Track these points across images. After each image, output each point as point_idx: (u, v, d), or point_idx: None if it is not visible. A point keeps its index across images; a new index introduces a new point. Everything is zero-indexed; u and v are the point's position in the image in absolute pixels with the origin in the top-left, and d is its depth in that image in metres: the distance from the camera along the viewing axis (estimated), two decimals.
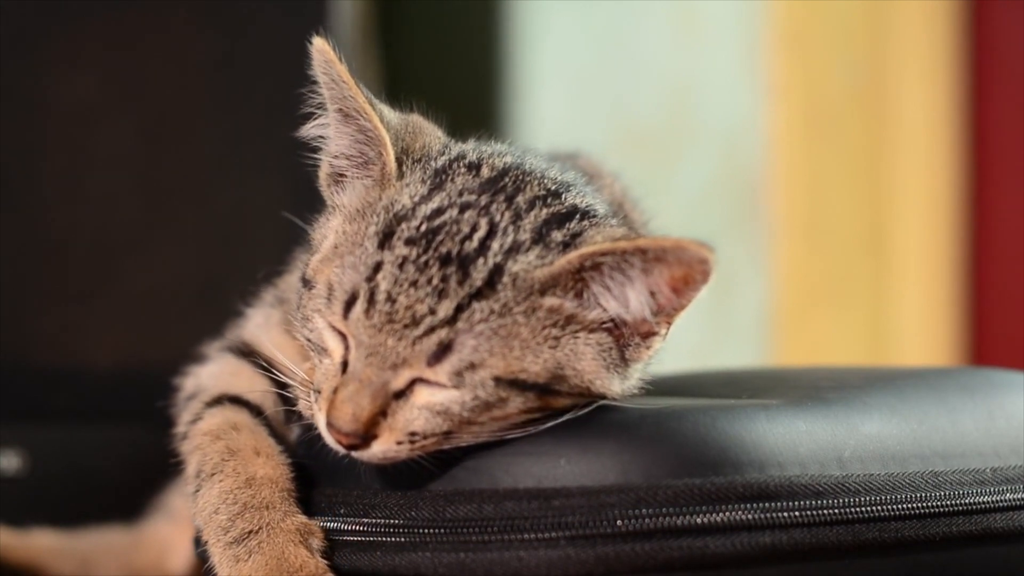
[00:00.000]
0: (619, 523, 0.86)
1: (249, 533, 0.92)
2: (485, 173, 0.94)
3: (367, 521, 0.91)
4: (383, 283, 0.88)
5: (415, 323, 0.87)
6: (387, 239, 0.90)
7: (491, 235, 0.89)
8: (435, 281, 0.87)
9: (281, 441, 0.99)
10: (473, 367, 0.87)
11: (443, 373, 0.87)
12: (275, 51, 1.68)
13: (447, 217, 0.90)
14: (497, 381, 0.88)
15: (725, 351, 2.25)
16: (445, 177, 0.94)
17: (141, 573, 1.37)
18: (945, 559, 0.94)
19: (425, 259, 0.88)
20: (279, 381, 0.99)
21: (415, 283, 0.87)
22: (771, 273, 2.29)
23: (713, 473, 0.88)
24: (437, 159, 0.96)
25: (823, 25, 2.32)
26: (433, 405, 0.88)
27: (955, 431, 0.98)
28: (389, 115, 0.97)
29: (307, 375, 0.95)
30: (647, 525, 0.86)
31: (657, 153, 2.28)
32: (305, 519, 0.93)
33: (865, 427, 0.95)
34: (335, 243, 0.93)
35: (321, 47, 0.95)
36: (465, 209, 0.91)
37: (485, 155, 0.96)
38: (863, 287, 2.36)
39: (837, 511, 0.89)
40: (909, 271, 2.37)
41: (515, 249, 0.89)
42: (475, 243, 0.89)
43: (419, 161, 0.95)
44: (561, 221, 0.92)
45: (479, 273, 0.88)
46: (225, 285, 1.09)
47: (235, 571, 0.91)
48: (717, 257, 0.87)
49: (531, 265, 0.89)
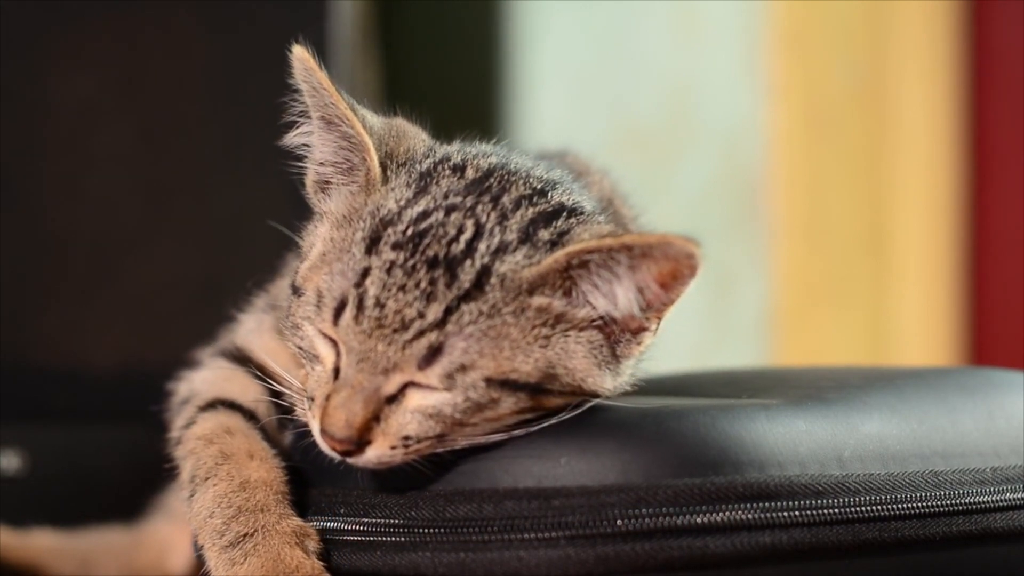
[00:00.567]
0: (619, 523, 0.86)
1: (244, 536, 0.92)
2: (470, 174, 0.94)
3: (367, 521, 0.91)
4: (371, 288, 0.88)
5: (404, 327, 0.87)
6: (374, 244, 0.90)
7: (478, 236, 0.89)
8: (423, 284, 0.87)
9: (275, 445, 0.99)
10: (464, 369, 0.87)
11: (434, 376, 0.87)
12: (275, 51, 1.68)
13: (433, 220, 0.90)
14: (488, 382, 0.88)
15: (725, 351, 2.25)
16: (430, 180, 0.93)
17: (141, 573, 1.37)
18: (945, 559, 0.94)
19: (412, 263, 0.88)
20: (273, 380, 0.99)
21: (403, 287, 0.87)
22: (771, 273, 2.29)
23: (713, 473, 0.88)
24: (422, 162, 0.95)
25: (823, 25, 2.32)
26: (425, 408, 0.88)
27: (955, 431, 0.98)
28: (372, 120, 0.97)
29: (302, 381, 0.95)
30: (647, 525, 0.86)
31: (657, 153, 2.28)
32: (300, 521, 0.93)
33: (865, 427, 0.95)
34: (323, 250, 0.93)
35: (301, 55, 0.95)
36: (451, 211, 0.91)
37: (470, 156, 0.96)
38: (863, 287, 2.36)
39: (837, 511, 0.89)
40: (909, 271, 2.37)
41: (502, 249, 0.89)
42: (462, 245, 0.89)
43: (404, 165, 0.95)
44: (548, 220, 0.92)
45: (467, 275, 0.88)
46: (225, 285, 1.09)
47: (231, 574, 0.91)
48: (704, 251, 0.87)
49: (519, 265, 0.89)
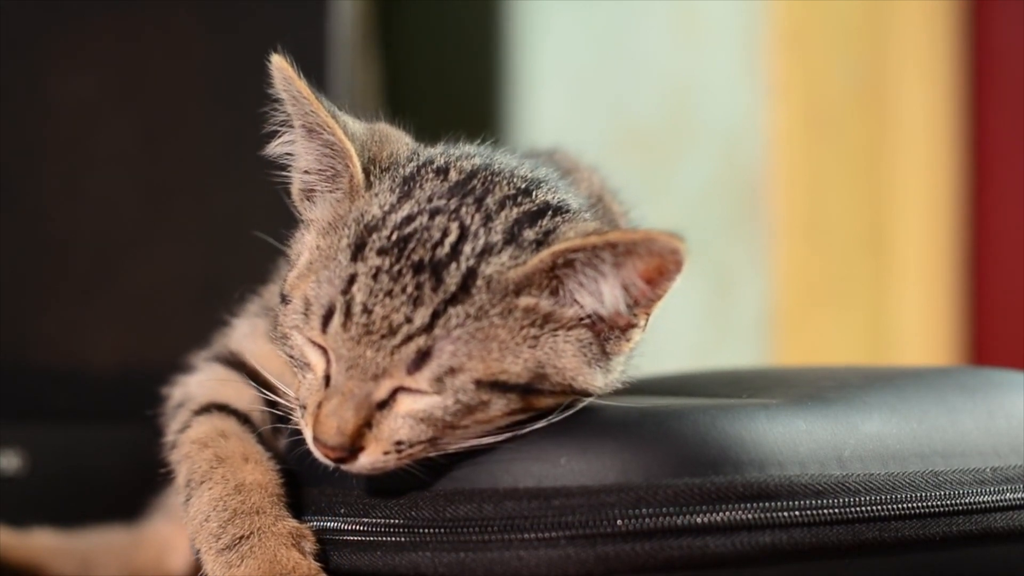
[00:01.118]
0: (619, 523, 0.86)
1: (240, 538, 0.92)
2: (453, 177, 0.94)
3: (367, 521, 0.91)
4: (358, 295, 0.88)
5: (392, 332, 0.87)
6: (359, 251, 0.90)
7: (462, 239, 0.89)
8: (409, 289, 0.87)
9: (270, 448, 0.99)
10: (453, 372, 0.87)
11: (423, 380, 0.87)
12: (275, 51, 1.68)
13: (417, 224, 0.90)
14: (478, 384, 0.88)
15: (725, 351, 2.25)
16: (414, 184, 0.93)
17: (141, 573, 1.37)
18: (945, 559, 0.94)
19: (398, 268, 0.88)
20: (266, 389, 0.99)
21: (390, 293, 0.87)
22: (771, 273, 2.29)
23: (713, 473, 0.88)
24: (405, 166, 0.95)
25: (823, 25, 2.32)
26: (416, 412, 0.88)
27: (955, 430, 0.98)
28: (354, 126, 0.97)
29: (295, 387, 0.95)
30: (647, 525, 0.86)
31: (657, 153, 2.28)
32: (296, 523, 0.94)
33: (865, 426, 0.95)
34: (310, 259, 0.93)
35: (279, 64, 0.95)
36: (435, 215, 0.91)
37: (453, 158, 0.96)
38: (863, 287, 2.36)
39: (837, 511, 0.89)
40: (909, 271, 2.37)
41: (487, 251, 0.89)
42: (447, 248, 0.89)
43: (387, 170, 0.95)
44: (533, 219, 0.92)
45: (452, 278, 0.88)
46: (225, 285, 1.09)
47: None
48: (688, 246, 0.87)
49: (504, 266, 0.89)
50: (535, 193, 0.94)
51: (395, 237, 0.89)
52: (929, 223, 2.40)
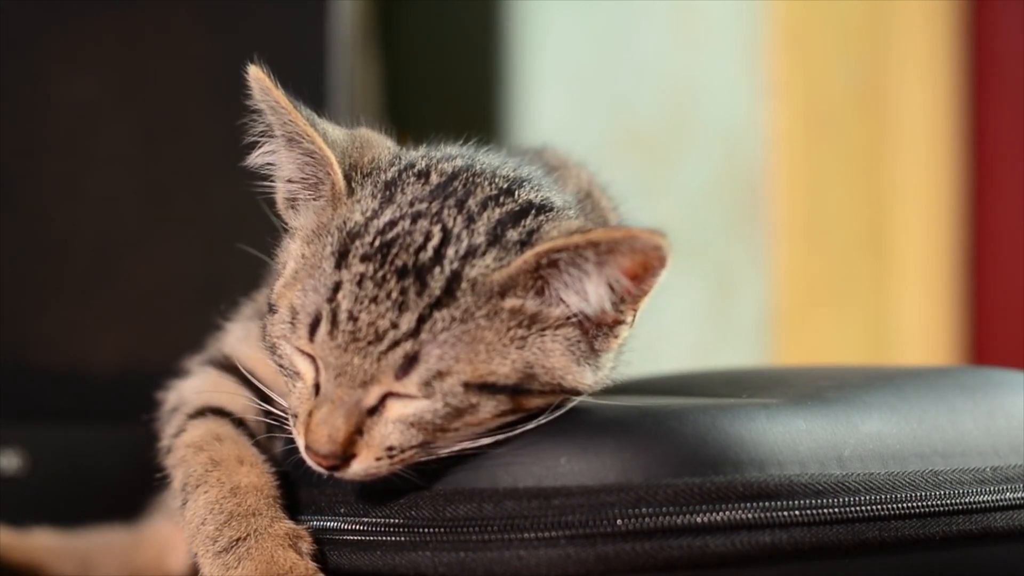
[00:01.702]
0: (619, 522, 0.86)
1: (237, 541, 0.92)
2: (435, 179, 0.94)
3: (367, 520, 0.91)
4: (344, 302, 0.88)
5: (379, 339, 0.87)
6: (343, 258, 0.89)
7: (445, 242, 0.89)
8: (394, 295, 0.87)
9: (265, 450, 0.99)
10: (441, 375, 0.87)
11: (412, 385, 0.87)
12: (275, 51, 1.68)
13: (400, 229, 0.90)
14: (466, 387, 0.87)
15: (725, 351, 2.25)
16: (395, 188, 0.93)
17: (141, 573, 1.37)
18: (945, 558, 0.94)
19: (382, 274, 0.88)
20: (260, 393, 0.99)
21: (375, 299, 0.87)
22: (771, 273, 2.29)
23: (713, 472, 0.88)
24: (387, 171, 0.95)
25: (823, 25, 2.32)
26: (406, 417, 0.88)
27: (955, 430, 0.98)
28: (334, 133, 0.97)
29: (288, 393, 0.95)
30: (647, 524, 0.86)
31: (657, 153, 2.28)
32: (292, 524, 0.94)
33: (865, 426, 0.95)
34: (295, 267, 0.93)
35: (256, 75, 0.95)
36: (417, 219, 0.90)
37: (434, 161, 0.96)
38: (863, 287, 2.36)
39: (837, 510, 0.89)
40: (909, 271, 2.37)
41: (471, 253, 0.89)
42: (430, 252, 0.89)
43: (369, 175, 0.95)
44: (516, 219, 0.91)
45: (437, 282, 0.88)
46: (225, 285, 1.09)
47: None
48: (670, 242, 0.87)
49: (489, 268, 0.89)
50: (517, 192, 0.94)
51: (378, 243, 0.89)
52: (929, 223, 2.40)
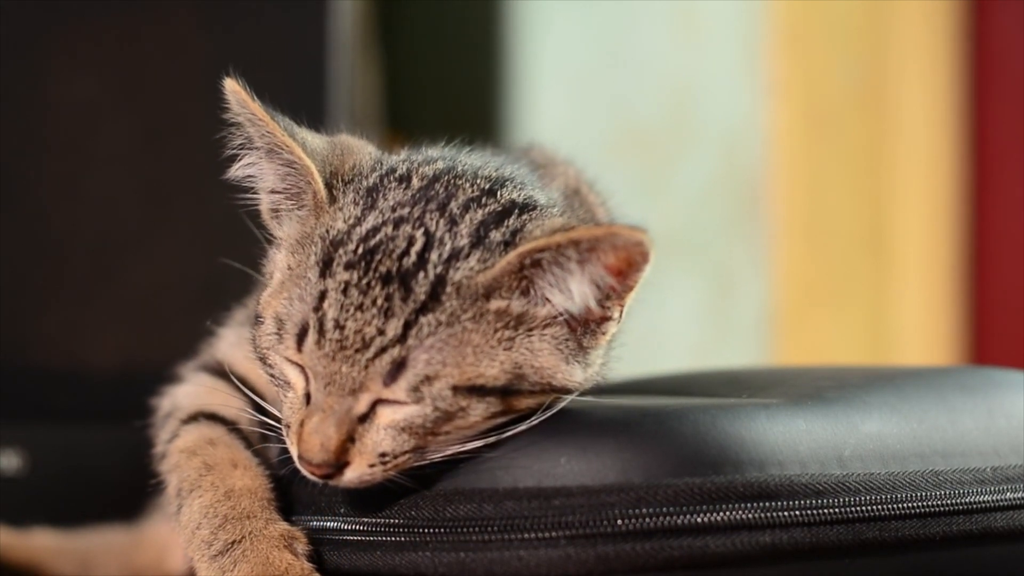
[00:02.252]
0: (619, 522, 0.86)
1: (232, 544, 0.92)
2: (416, 183, 0.93)
3: (367, 520, 0.91)
4: (330, 311, 0.88)
5: (366, 346, 0.87)
6: (327, 267, 0.89)
7: (428, 246, 0.89)
8: (379, 302, 0.87)
9: (258, 454, 0.99)
10: (429, 380, 0.87)
11: (401, 391, 0.87)
12: (275, 51, 1.68)
13: (383, 235, 0.90)
14: (455, 390, 0.87)
15: (725, 351, 2.25)
16: (377, 194, 0.93)
17: (141, 573, 1.36)
18: (945, 558, 0.94)
19: (367, 281, 0.88)
20: (254, 397, 0.99)
21: (360, 307, 0.87)
22: (771, 273, 2.29)
23: (713, 472, 0.88)
24: (368, 177, 0.95)
25: (823, 25, 2.32)
26: (397, 423, 0.88)
27: (955, 430, 0.98)
28: (314, 142, 0.96)
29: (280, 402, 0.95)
30: (647, 524, 0.86)
31: (657, 153, 2.28)
32: (287, 525, 0.94)
33: (865, 426, 0.95)
34: (281, 277, 0.93)
35: (232, 88, 0.95)
36: (400, 224, 0.90)
37: (415, 165, 0.96)
38: (863, 287, 2.36)
39: (837, 510, 0.89)
40: (909, 271, 2.37)
41: (454, 257, 0.89)
42: (413, 257, 0.89)
43: (351, 182, 0.95)
44: (499, 219, 0.91)
45: (421, 287, 0.88)
46: (225, 285, 1.09)
47: None
48: (652, 237, 0.87)
49: (473, 271, 0.89)
50: (500, 192, 0.93)
51: (361, 250, 0.89)
52: (929, 223, 2.40)
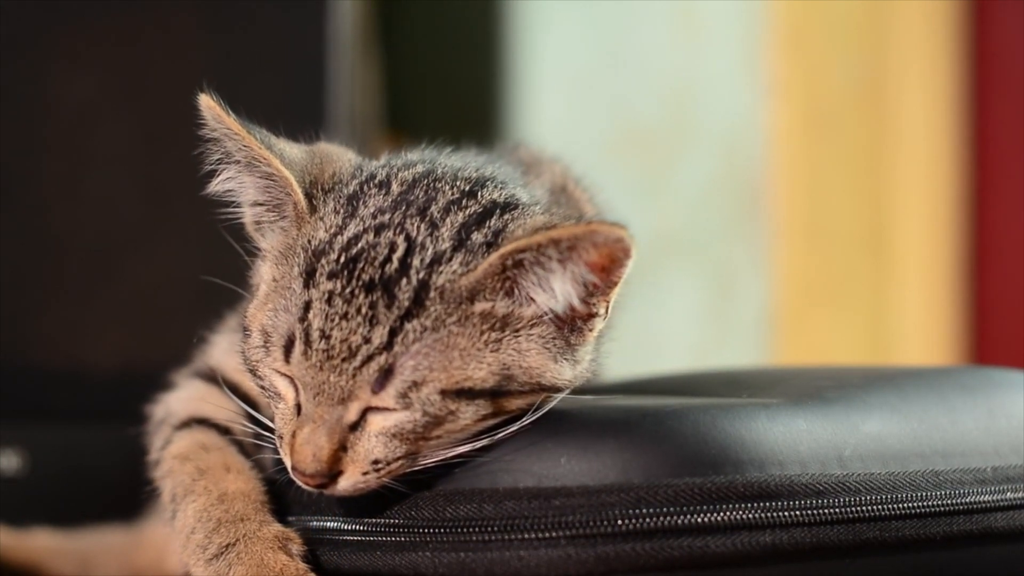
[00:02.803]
0: (620, 522, 0.86)
1: (227, 547, 0.92)
2: (396, 189, 0.93)
3: (367, 521, 0.91)
4: (315, 321, 0.88)
5: (353, 355, 0.87)
6: (311, 277, 0.89)
7: (410, 252, 0.89)
8: (364, 310, 0.87)
9: (252, 458, 0.99)
10: (417, 386, 0.87)
11: (389, 398, 0.87)
12: (275, 51, 1.68)
13: (364, 243, 0.90)
14: (443, 394, 0.87)
15: (725, 351, 2.25)
16: (358, 202, 0.93)
17: (141, 573, 1.36)
18: (946, 558, 0.94)
19: (350, 289, 0.88)
20: (246, 401, 0.99)
21: (345, 315, 0.87)
22: (771, 273, 2.29)
23: (714, 472, 0.88)
24: (349, 184, 0.95)
25: (823, 25, 2.32)
26: (387, 429, 0.88)
27: (956, 430, 0.98)
28: (292, 152, 0.96)
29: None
30: (648, 524, 0.86)
31: (657, 153, 2.28)
32: (281, 527, 0.94)
33: (866, 426, 0.95)
34: (266, 289, 0.93)
35: (207, 104, 0.94)
36: (380, 231, 0.90)
37: (394, 170, 0.95)
38: (863, 287, 2.36)
39: (838, 510, 0.89)
40: (909, 271, 2.37)
41: (437, 261, 0.89)
42: (395, 264, 0.88)
43: (331, 191, 0.94)
44: (480, 220, 0.91)
45: (404, 293, 0.88)
46: (224, 286, 1.09)
47: None
48: (632, 232, 0.86)
49: (456, 274, 0.88)
50: (480, 193, 0.93)
51: (343, 259, 0.89)
52: (929, 223, 2.40)
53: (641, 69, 2.31)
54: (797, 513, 0.88)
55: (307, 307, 0.88)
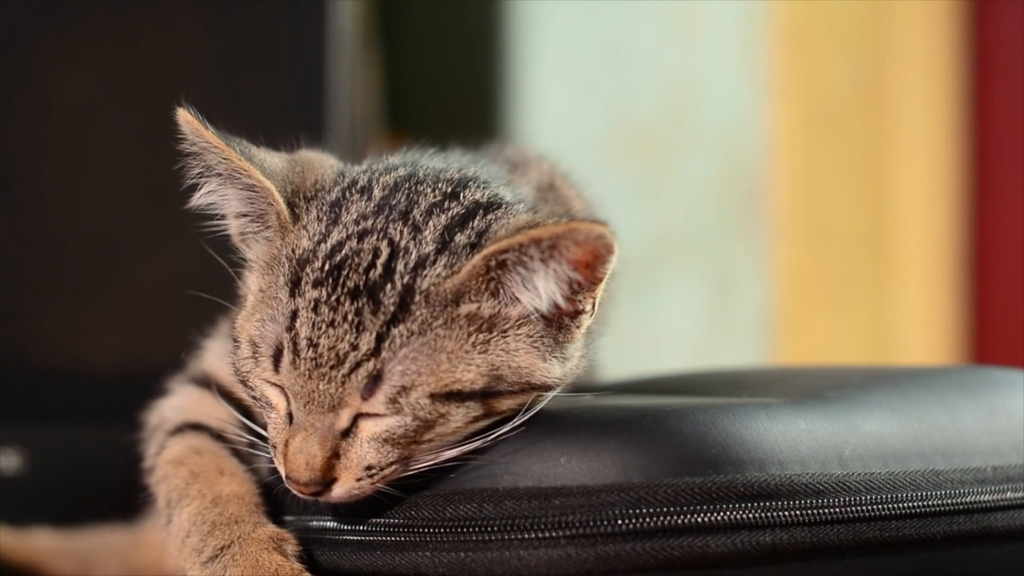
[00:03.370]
0: (620, 522, 0.86)
1: (222, 549, 0.92)
2: (377, 194, 0.93)
3: (367, 520, 0.91)
4: (302, 330, 0.88)
5: (341, 362, 0.87)
6: (296, 286, 0.89)
7: (394, 257, 0.89)
8: (350, 317, 0.87)
9: (245, 462, 0.99)
10: (406, 390, 0.87)
11: (379, 403, 0.87)
12: (275, 51, 1.68)
13: (348, 249, 0.89)
14: (433, 397, 0.87)
15: (725, 351, 2.25)
16: (340, 208, 0.93)
17: (141, 573, 1.36)
18: (946, 558, 0.94)
19: (336, 297, 0.88)
20: (241, 410, 0.99)
21: (332, 323, 0.87)
22: (771, 273, 2.29)
23: (714, 472, 0.88)
24: (331, 191, 0.94)
25: (823, 25, 2.32)
26: (379, 435, 0.88)
27: (956, 429, 0.98)
28: (272, 161, 0.96)
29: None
30: (648, 524, 0.86)
31: (657, 153, 2.28)
32: (276, 528, 0.94)
33: (866, 426, 0.95)
34: (254, 300, 0.93)
35: (185, 118, 0.95)
36: (363, 236, 0.90)
37: (376, 174, 0.95)
38: (863, 287, 2.36)
39: (838, 510, 0.89)
40: (910, 271, 2.37)
41: (421, 264, 0.89)
42: (379, 269, 0.88)
43: (313, 199, 0.94)
44: (463, 222, 0.91)
45: (390, 299, 0.87)
46: (225, 285, 1.09)
47: None
48: (613, 228, 0.86)
49: (440, 277, 0.88)
50: (462, 194, 0.93)
51: (328, 266, 0.89)
52: (929, 223, 2.40)
53: (641, 69, 2.31)
54: (797, 513, 0.88)
55: (294, 316, 0.88)
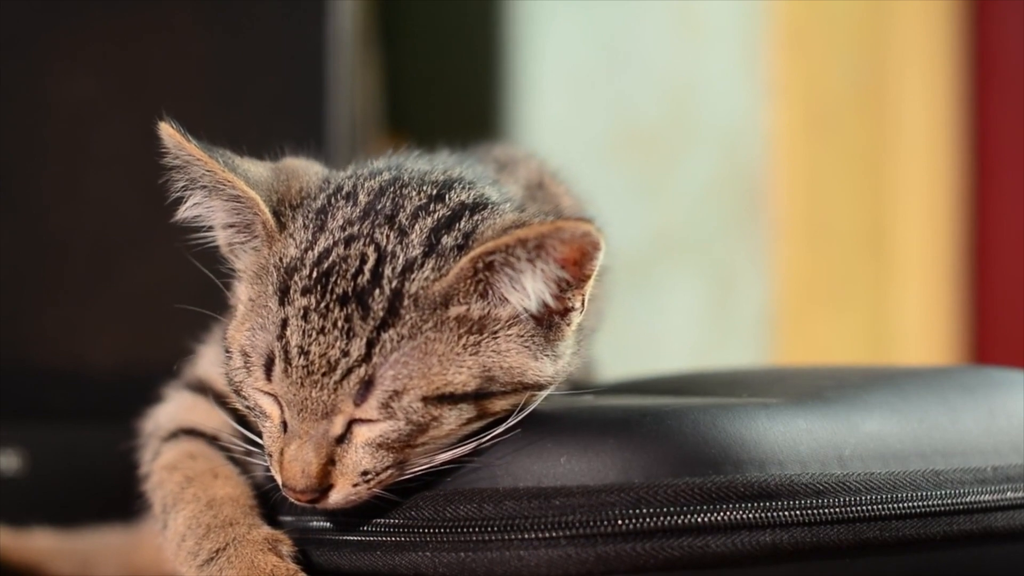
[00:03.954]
0: (619, 522, 0.86)
1: (217, 551, 0.92)
2: (363, 199, 0.93)
3: (367, 521, 0.91)
4: (293, 338, 0.88)
5: (332, 369, 0.87)
6: (285, 294, 0.89)
7: (381, 261, 0.89)
8: (340, 323, 0.87)
9: (240, 466, 0.99)
10: (398, 395, 0.87)
11: (372, 408, 0.87)
12: (275, 51, 1.68)
13: (335, 256, 0.90)
14: (425, 401, 0.87)
15: (725, 351, 2.25)
16: (326, 215, 0.93)
17: (141, 573, 1.36)
18: (946, 558, 0.94)
19: (325, 304, 0.88)
20: (236, 417, 0.99)
21: (322, 330, 0.87)
22: (771, 273, 2.29)
23: (714, 472, 0.88)
24: (317, 198, 0.94)
25: (823, 25, 2.32)
26: (373, 440, 0.88)
27: (956, 429, 0.98)
28: (256, 171, 0.96)
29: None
30: (648, 524, 0.86)
31: (657, 153, 2.28)
32: (271, 529, 0.94)
33: (866, 426, 0.95)
34: (244, 310, 0.93)
35: (167, 132, 0.94)
36: (350, 242, 0.90)
37: (361, 180, 0.95)
38: (863, 287, 2.36)
39: (838, 510, 0.89)
40: (910, 271, 2.37)
41: (408, 268, 0.89)
42: (367, 275, 0.88)
43: (299, 207, 0.94)
44: (449, 224, 0.91)
45: (378, 304, 0.87)
46: (222, 289, 1.09)
47: None
48: (599, 225, 0.86)
49: (428, 280, 0.88)
50: (448, 196, 0.93)
51: (316, 274, 0.89)
52: (930, 223, 2.40)
53: (641, 69, 2.31)
54: (797, 513, 0.88)
55: (284, 324, 0.88)
